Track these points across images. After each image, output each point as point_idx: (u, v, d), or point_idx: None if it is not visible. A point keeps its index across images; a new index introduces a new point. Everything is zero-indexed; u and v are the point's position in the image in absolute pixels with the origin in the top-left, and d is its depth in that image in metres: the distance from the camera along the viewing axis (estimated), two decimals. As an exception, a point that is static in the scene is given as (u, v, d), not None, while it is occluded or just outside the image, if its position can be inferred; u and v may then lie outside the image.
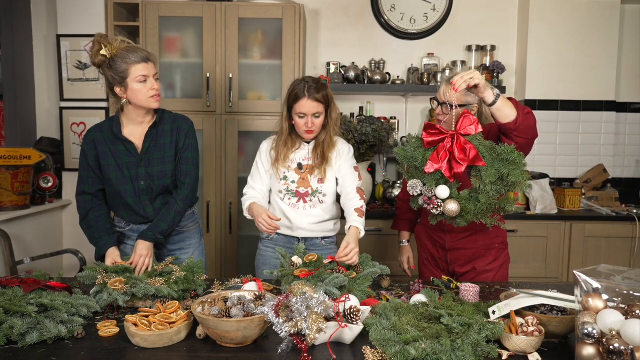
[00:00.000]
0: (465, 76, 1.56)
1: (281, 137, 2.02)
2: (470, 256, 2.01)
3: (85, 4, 3.25)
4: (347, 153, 2.05)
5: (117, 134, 1.88)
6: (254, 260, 2.20)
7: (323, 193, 2.02)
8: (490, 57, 3.46)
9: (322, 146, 2.00)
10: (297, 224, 2.03)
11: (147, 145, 1.90)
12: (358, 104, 3.56)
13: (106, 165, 1.89)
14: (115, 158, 1.88)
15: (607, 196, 3.34)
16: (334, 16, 3.56)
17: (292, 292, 1.24)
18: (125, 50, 1.78)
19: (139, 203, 1.92)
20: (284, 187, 2.02)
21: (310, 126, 1.94)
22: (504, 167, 1.46)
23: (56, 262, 3.25)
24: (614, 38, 3.40)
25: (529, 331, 1.21)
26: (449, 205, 1.52)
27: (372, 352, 1.16)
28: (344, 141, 2.10)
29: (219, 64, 3.03)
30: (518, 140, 1.66)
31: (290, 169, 2.02)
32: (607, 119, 3.46)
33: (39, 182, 3.10)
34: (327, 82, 1.99)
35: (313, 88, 1.92)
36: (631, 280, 1.14)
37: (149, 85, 1.80)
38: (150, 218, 1.93)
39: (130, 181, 1.89)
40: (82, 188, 1.93)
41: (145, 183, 1.89)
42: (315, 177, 2.01)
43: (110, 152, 1.89)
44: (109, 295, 1.49)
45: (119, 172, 1.89)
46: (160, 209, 1.93)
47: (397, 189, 3.30)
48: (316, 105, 1.91)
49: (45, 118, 3.39)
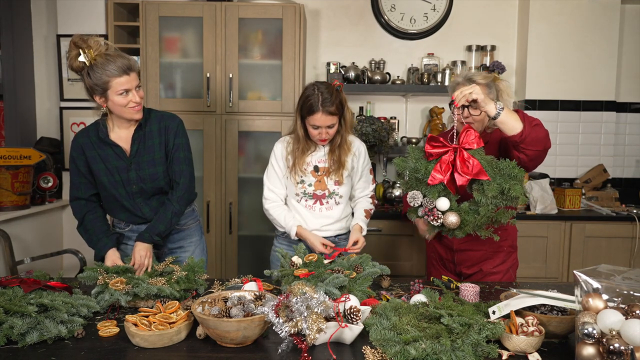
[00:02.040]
0: (465, 91, 1.57)
1: (298, 145, 2.01)
2: (478, 258, 2.01)
3: (85, 4, 3.25)
4: (364, 155, 2.09)
5: (104, 139, 1.84)
6: (254, 260, 2.21)
7: (340, 195, 2.05)
8: (490, 57, 3.46)
9: (339, 150, 2.00)
10: (312, 225, 2.05)
11: (136, 148, 1.86)
12: (358, 104, 3.56)
13: (97, 169, 1.85)
14: (104, 162, 1.85)
15: (607, 196, 3.34)
16: (334, 16, 3.56)
17: (292, 292, 1.24)
18: (106, 59, 1.69)
19: (135, 205, 1.90)
20: (300, 190, 2.03)
21: (325, 136, 1.95)
22: (505, 181, 1.47)
23: (56, 262, 3.25)
24: (614, 38, 3.40)
25: (529, 331, 1.21)
26: (450, 218, 1.52)
27: (372, 352, 1.16)
28: (359, 141, 2.10)
29: (219, 64, 3.03)
30: (527, 152, 1.64)
31: (307, 172, 2.02)
32: (607, 119, 3.46)
33: (39, 182, 3.10)
34: (340, 87, 1.97)
35: (328, 101, 1.88)
36: (631, 280, 1.14)
37: (130, 97, 1.75)
38: (148, 218, 1.92)
39: (122, 185, 1.86)
40: (74, 194, 1.90)
41: (137, 186, 1.87)
42: (332, 180, 2.02)
43: (99, 157, 1.85)
44: (110, 296, 1.49)
45: (110, 177, 1.86)
46: (157, 207, 1.92)
47: (397, 189, 3.30)
48: (330, 118, 1.90)
49: (45, 118, 3.39)
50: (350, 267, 1.67)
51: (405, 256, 3.08)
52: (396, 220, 3.05)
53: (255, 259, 3.14)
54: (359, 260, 1.71)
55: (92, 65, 1.69)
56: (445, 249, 2.07)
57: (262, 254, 2.28)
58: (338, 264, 1.67)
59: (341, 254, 1.93)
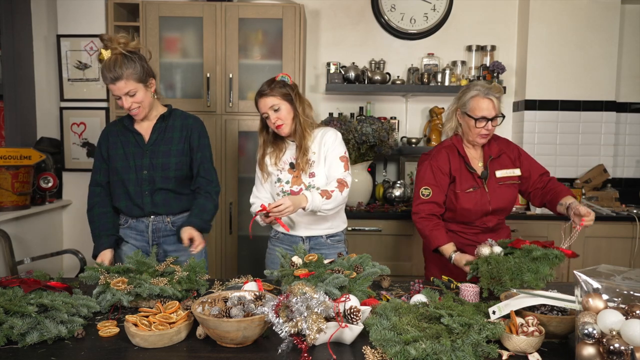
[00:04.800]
0: (592, 217, 1.86)
1: (260, 150, 2.11)
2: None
3: (85, 4, 3.25)
4: (333, 141, 2.04)
5: (128, 126, 2.02)
6: (254, 260, 2.22)
7: (317, 187, 2.02)
8: (490, 57, 3.46)
9: (299, 138, 2.02)
10: (298, 222, 2.05)
11: (154, 137, 2.01)
12: (358, 104, 3.56)
13: (114, 155, 2.00)
14: (124, 148, 2.00)
15: (607, 196, 3.34)
16: (334, 16, 3.56)
17: (292, 292, 1.24)
18: (104, 66, 1.86)
19: (139, 192, 1.98)
20: (279, 189, 2.05)
21: (275, 120, 1.97)
22: (536, 263, 1.61)
23: (56, 262, 3.25)
24: (614, 38, 3.40)
25: (529, 331, 1.21)
26: (483, 249, 1.71)
27: (372, 352, 1.16)
28: (329, 129, 2.08)
29: (219, 64, 3.03)
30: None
31: (283, 171, 2.05)
32: (607, 119, 3.46)
33: (39, 182, 3.10)
34: (287, 78, 2.04)
35: (265, 86, 2.00)
36: (631, 280, 1.14)
37: (122, 102, 1.90)
38: (146, 211, 1.99)
39: (134, 170, 1.98)
40: (94, 178, 2.06)
41: (148, 173, 1.98)
42: (306, 173, 2.02)
43: (120, 143, 2.01)
44: (112, 296, 1.48)
45: (124, 162, 1.99)
46: (158, 204, 2.00)
47: (397, 189, 3.30)
48: (270, 99, 1.96)
49: (45, 118, 3.38)
50: (350, 267, 1.67)
51: (405, 256, 3.08)
52: (396, 220, 3.05)
53: (255, 259, 3.14)
54: (359, 260, 1.71)
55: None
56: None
57: (262, 254, 2.28)
58: (338, 264, 1.67)
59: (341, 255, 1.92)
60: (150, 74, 1.94)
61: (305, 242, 2.07)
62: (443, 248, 1.95)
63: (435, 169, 2.05)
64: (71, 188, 3.37)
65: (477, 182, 2.04)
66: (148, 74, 1.93)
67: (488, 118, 1.96)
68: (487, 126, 1.97)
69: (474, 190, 2.03)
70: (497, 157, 2.08)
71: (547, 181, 2.10)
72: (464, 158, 2.06)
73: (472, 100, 1.98)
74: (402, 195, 3.28)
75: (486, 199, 2.03)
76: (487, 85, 2.00)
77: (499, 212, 2.08)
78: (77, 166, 3.36)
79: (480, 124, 1.96)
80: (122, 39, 1.87)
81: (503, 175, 2.07)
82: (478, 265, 1.68)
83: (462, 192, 2.03)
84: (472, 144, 2.07)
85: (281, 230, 2.09)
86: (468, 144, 2.09)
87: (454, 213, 2.06)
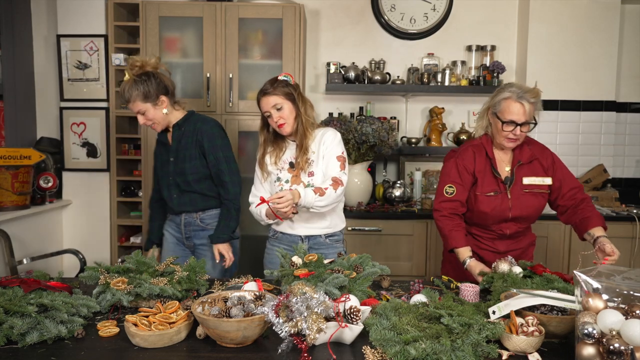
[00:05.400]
0: (615, 258, 1.88)
1: (261, 149, 2.11)
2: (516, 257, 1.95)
3: (85, 4, 3.25)
4: (332, 140, 2.04)
5: (159, 137, 2.26)
6: (254, 260, 2.22)
7: (315, 186, 2.01)
8: (490, 57, 3.46)
9: (300, 138, 2.02)
10: (295, 219, 2.05)
11: (175, 145, 2.19)
12: (358, 104, 3.56)
13: (157, 164, 2.31)
14: (161, 156, 2.27)
15: (607, 196, 3.34)
16: (334, 16, 3.56)
17: (292, 292, 1.24)
18: (122, 88, 2.07)
19: (169, 195, 2.24)
20: (278, 188, 2.05)
21: (277, 119, 1.98)
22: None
23: (56, 262, 3.25)
24: (614, 38, 3.40)
25: (529, 331, 1.21)
26: (502, 264, 1.72)
27: (372, 352, 1.16)
28: (328, 129, 2.08)
29: (219, 64, 3.03)
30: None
31: (283, 170, 2.06)
32: (607, 119, 3.46)
33: (39, 182, 3.10)
34: (289, 78, 2.04)
35: (268, 85, 2.00)
36: (631, 280, 1.14)
37: (138, 119, 2.12)
38: (175, 209, 2.25)
39: (166, 176, 2.24)
40: (154, 183, 2.38)
41: (173, 179, 2.20)
42: (306, 172, 2.02)
43: (160, 152, 2.28)
44: (112, 296, 1.48)
45: (161, 169, 2.27)
46: (186, 203, 2.21)
47: (397, 189, 3.29)
48: (273, 98, 1.97)
49: (45, 118, 3.38)
50: (350, 267, 1.67)
51: (405, 256, 3.08)
52: (396, 220, 3.05)
53: (255, 259, 3.13)
54: (358, 260, 1.71)
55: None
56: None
57: (262, 254, 2.28)
58: (338, 264, 1.67)
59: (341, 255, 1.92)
60: (161, 92, 2.07)
61: (304, 241, 2.07)
62: (459, 250, 1.92)
63: (460, 167, 1.98)
64: (71, 188, 3.37)
65: (500, 187, 1.97)
66: (158, 93, 2.06)
67: (517, 123, 1.87)
68: (515, 131, 1.88)
69: (495, 194, 1.96)
70: (527, 163, 1.99)
71: (580, 200, 1.99)
72: (491, 160, 1.99)
73: (504, 102, 1.89)
74: (402, 195, 3.28)
75: (507, 205, 1.95)
76: (524, 88, 1.89)
77: (519, 220, 2.00)
78: (77, 166, 3.36)
79: (507, 128, 1.89)
80: (138, 62, 2.02)
81: (530, 183, 1.97)
82: (493, 279, 1.65)
83: (482, 194, 1.96)
84: (500, 147, 2.01)
85: (280, 229, 2.09)
86: (497, 146, 2.02)
87: (472, 213, 2.01)
